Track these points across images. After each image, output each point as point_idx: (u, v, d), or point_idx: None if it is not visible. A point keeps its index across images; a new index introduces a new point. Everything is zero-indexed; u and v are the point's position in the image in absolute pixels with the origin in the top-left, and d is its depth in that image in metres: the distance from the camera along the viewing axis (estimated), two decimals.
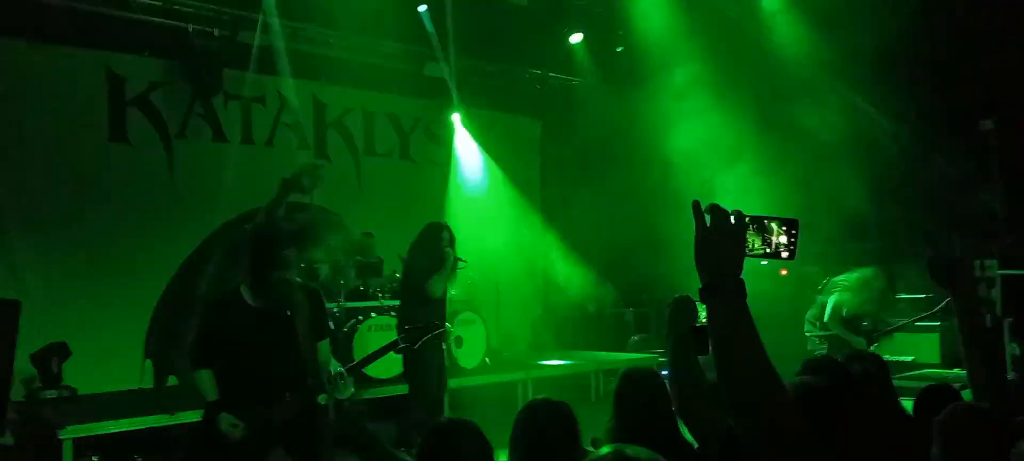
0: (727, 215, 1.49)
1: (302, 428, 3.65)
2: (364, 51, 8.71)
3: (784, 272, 7.73)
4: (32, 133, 7.02)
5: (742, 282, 1.46)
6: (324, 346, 3.76)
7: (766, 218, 1.60)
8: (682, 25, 8.31)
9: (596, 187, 10.18)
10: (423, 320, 4.46)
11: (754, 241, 1.58)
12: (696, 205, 1.50)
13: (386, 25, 8.58)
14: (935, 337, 7.10)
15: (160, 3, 7.39)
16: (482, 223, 8.46)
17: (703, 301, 1.48)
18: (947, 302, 5.97)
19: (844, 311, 5.90)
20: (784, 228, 1.60)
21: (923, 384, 2.81)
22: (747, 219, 1.55)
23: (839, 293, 5.99)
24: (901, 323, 6.16)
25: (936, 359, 6.93)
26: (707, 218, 1.48)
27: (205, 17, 7.60)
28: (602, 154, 10.57)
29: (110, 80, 7.57)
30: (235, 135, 8.35)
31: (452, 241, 5.74)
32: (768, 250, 1.59)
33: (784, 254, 1.60)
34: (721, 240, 1.47)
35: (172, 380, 7.42)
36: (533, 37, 9.46)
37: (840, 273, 6.18)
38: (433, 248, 5.60)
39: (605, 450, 1.46)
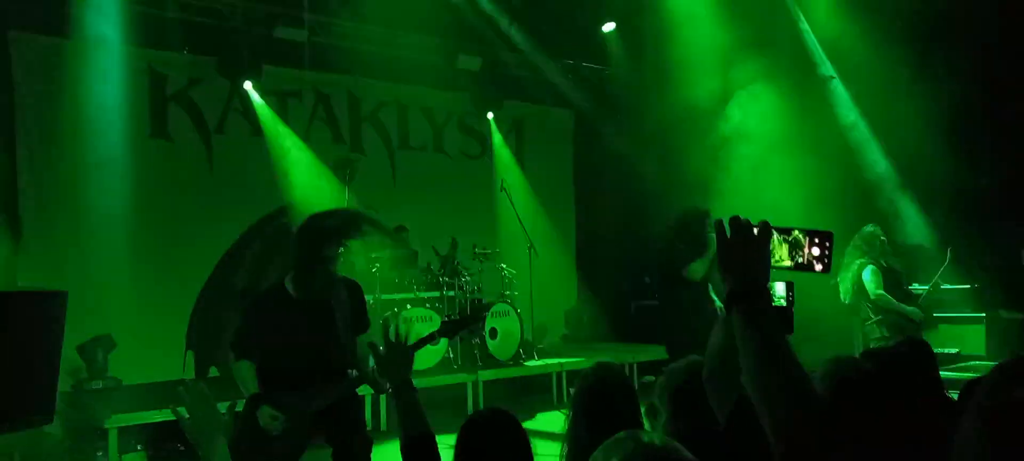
0: (749, 226, 1.48)
1: (342, 419, 3.69)
2: (397, 45, 8.75)
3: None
4: (77, 130, 7.20)
5: (765, 290, 1.46)
6: (365, 338, 3.79)
7: (797, 230, 1.57)
8: (720, 10, 8.19)
9: (629, 177, 10.12)
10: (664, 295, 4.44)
11: (781, 252, 1.56)
12: (718, 223, 1.50)
13: (419, 18, 8.62)
14: (981, 328, 6.91)
15: (199, 1, 7.52)
16: (514, 215, 8.45)
17: (729, 311, 1.46)
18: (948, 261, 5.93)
19: (881, 276, 5.84)
20: (817, 240, 1.56)
21: (969, 376, 2.73)
22: (774, 230, 1.53)
23: (861, 263, 5.92)
24: (936, 282, 6.09)
25: (982, 351, 6.75)
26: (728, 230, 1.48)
27: (242, 13, 7.71)
28: (634, 144, 10.50)
29: (152, 77, 7.72)
30: (272, 130, 8.45)
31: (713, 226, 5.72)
32: (800, 262, 1.56)
33: (818, 267, 1.56)
34: (744, 249, 1.47)
35: (213, 371, 7.57)
36: (565, 27, 9.42)
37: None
38: (697, 233, 5.63)
39: (620, 435, 1.46)
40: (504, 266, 8.14)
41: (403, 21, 8.54)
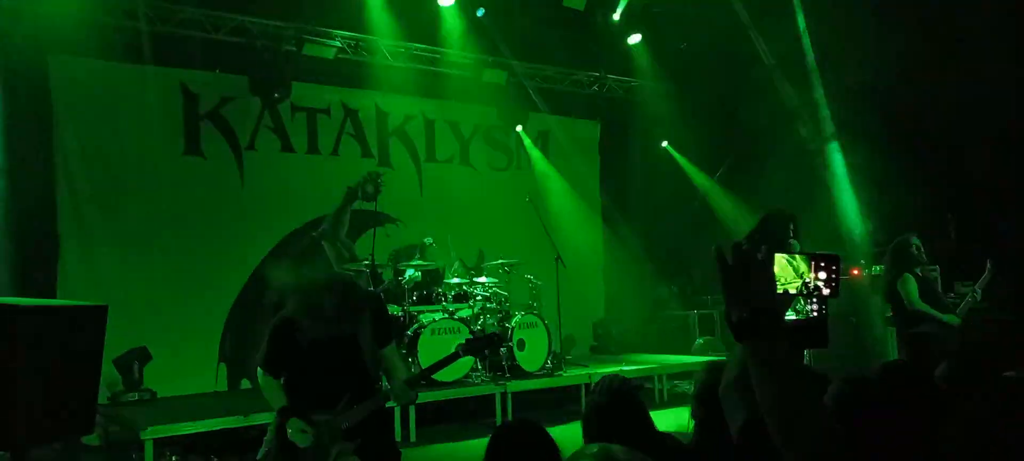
0: (752, 252, 1.41)
1: (372, 433, 3.71)
2: (423, 60, 8.86)
3: (856, 272, 7.49)
4: (114, 149, 7.38)
5: (776, 315, 1.39)
6: (388, 352, 3.82)
7: (802, 254, 1.54)
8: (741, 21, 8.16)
9: (656, 187, 10.10)
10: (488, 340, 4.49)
11: (787, 277, 1.52)
12: (718, 250, 1.44)
13: (444, 33, 8.72)
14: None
15: (230, 21, 7.69)
16: (542, 227, 8.46)
17: (738, 341, 1.40)
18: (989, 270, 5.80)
19: (918, 285, 5.75)
20: (823, 264, 1.53)
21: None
22: (779, 256, 1.50)
23: (896, 272, 5.84)
24: (973, 293, 5.96)
25: None
26: (729, 257, 1.42)
27: (272, 33, 7.87)
28: (663, 153, 10.48)
29: (185, 96, 7.90)
30: (301, 145, 8.60)
31: (796, 231, 5.73)
32: (807, 287, 1.53)
33: (825, 291, 1.53)
34: (747, 277, 1.40)
35: (245, 383, 7.68)
36: (591, 39, 9.45)
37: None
38: (780, 238, 5.59)
39: (592, 448, 1.45)
40: (531, 277, 8.14)
41: (428, 36, 8.66)
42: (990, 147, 7.06)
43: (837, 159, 8.06)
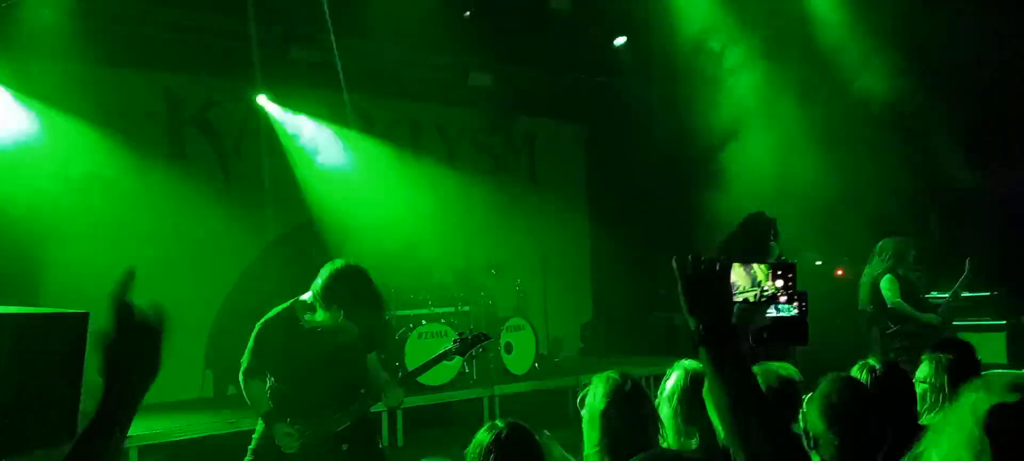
0: (711, 263, 1.49)
1: (358, 439, 3.70)
2: (409, 63, 8.84)
3: (840, 272, 7.54)
4: (95, 154, 7.31)
5: (731, 324, 1.47)
6: (373, 358, 3.81)
7: (758, 262, 1.59)
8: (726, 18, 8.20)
9: (644, 188, 10.12)
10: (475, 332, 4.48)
11: (745, 285, 1.58)
12: (678, 260, 1.51)
13: (430, 36, 8.69)
14: (1002, 336, 6.84)
15: (215, 24, 7.64)
16: (529, 228, 8.47)
17: (696, 348, 1.48)
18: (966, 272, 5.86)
19: (899, 285, 5.80)
20: (780, 272, 1.59)
21: None
22: (736, 265, 1.55)
23: (878, 272, 5.88)
24: (954, 293, 6.02)
25: (1003, 359, 6.68)
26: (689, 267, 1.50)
27: (256, 35, 7.82)
28: (648, 154, 10.50)
29: (169, 100, 7.85)
30: (288, 148, 8.54)
31: (776, 234, 5.77)
32: (764, 295, 1.59)
33: (782, 299, 1.59)
34: (706, 287, 1.48)
35: (231, 389, 7.62)
36: (576, 41, 9.45)
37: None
38: (760, 241, 5.64)
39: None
40: (519, 280, 8.15)
41: (414, 38, 8.63)
42: (971, 145, 7.15)
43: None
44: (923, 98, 6.94)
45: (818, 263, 7.47)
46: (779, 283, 1.60)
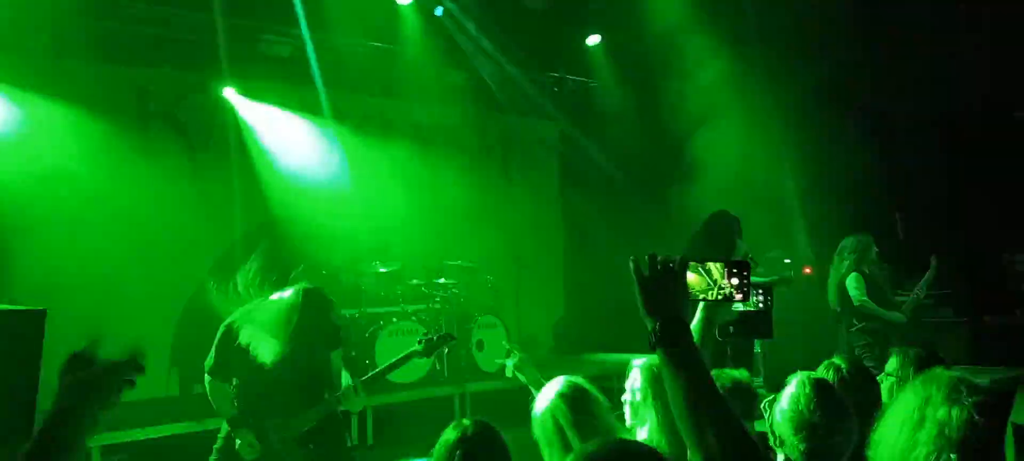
0: (666, 263, 1.52)
1: (324, 439, 3.67)
2: (381, 59, 8.78)
3: (808, 270, 7.65)
4: (59, 148, 7.16)
5: (686, 324, 1.49)
6: (336, 356, 3.78)
7: (713, 261, 1.61)
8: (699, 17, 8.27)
9: (616, 186, 10.17)
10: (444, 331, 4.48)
11: (701, 286, 1.59)
12: (635, 261, 1.53)
13: (403, 33, 8.65)
14: (963, 333, 6.99)
15: (183, 18, 7.52)
16: (502, 226, 8.47)
17: (653, 349, 1.49)
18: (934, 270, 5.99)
19: (865, 284, 5.90)
20: (735, 270, 1.61)
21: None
22: (692, 264, 1.57)
23: (845, 270, 5.98)
24: (918, 291, 6.14)
25: (964, 356, 6.83)
26: (645, 267, 1.51)
27: (226, 29, 7.71)
28: (621, 152, 10.56)
29: (135, 94, 7.71)
30: (257, 144, 8.44)
31: (740, 232, 5.81)
32: (720, 294, 1.61)
33: (737, 297, 1.61)
34: (662, 287, 1.50)
35: (198, 388, 7.51)
36: (550, 39, 9.47)
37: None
38: (724, 239, 5.67)
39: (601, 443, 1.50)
40: (491, 278, 8.15)
41: (387, 35, 8.58)
42: (936, 145, 7.29)
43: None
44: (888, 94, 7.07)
45: (787, 261, 7.57)
46: (734, 281, 1.61)
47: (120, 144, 7.50)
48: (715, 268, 1.62)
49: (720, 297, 1.62)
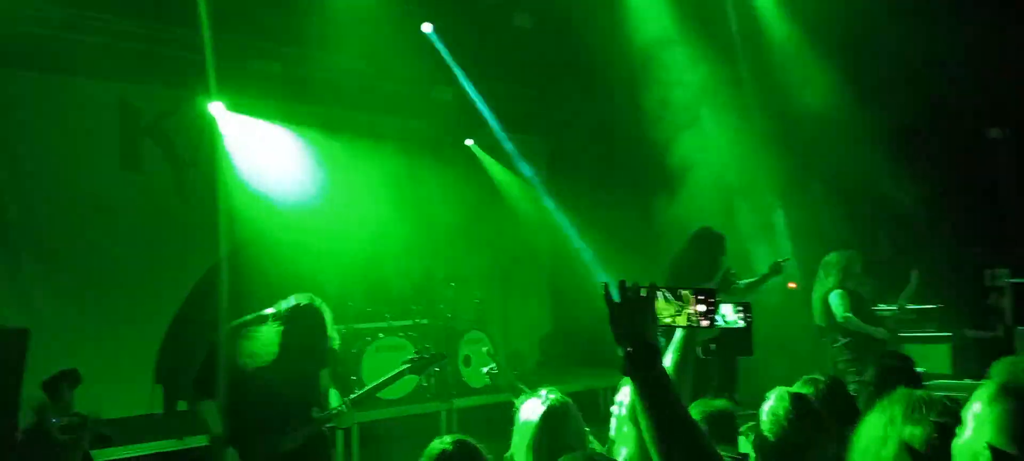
0: (636, 289, 1.54)
1: (312, 456, 3.66)
2: (371, 76, 8.80)
3: (793, 285, 7.70)
4: (45, 162, 7.13)
5: (655, 348, 1.50)
6: (324, 374, 3.77)
7: (681, 289, 1.64)
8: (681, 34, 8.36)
9: (605, 202, 10.20)
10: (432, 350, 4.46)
11: (669, 311, 1.62)
12: (605, 288, 1.56)
13: (392, 49, 8.68)
14: (946, 348, 7.04)
15: (171, 34, 7.53)
16: (489, 242, 8.48)
17: (624, 373, 1.51)
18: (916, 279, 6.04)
19: (849, 300, 5.94)
20: (701, 297, 1.64)
21: (936, 395, 2.79)
22: (660, 291, 1.59)
23: (829, 286, 6.02)
24: (901, 304, 6.19)
25: (948, 370, 6.88)
26: (615, 294, 1.54)
27: (216, 46, 7.71)
28: (609, 170, 10.62)
29: (123, 110, 7.69)
30: (245, 159, 8.42)
31: (724, 249, 5.85)
32: (689, 321, 1.63)
33: (704, 323, 1.64)
34: (632, 313, 1.52)
35: (181, 405, 7.46)
36: (538, 57, 9.53)
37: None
38: (709, 256, 5.69)
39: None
40: (478, 293, 8.15)
41: (376, 51, 8.61)
42: (921, 160, 7.37)
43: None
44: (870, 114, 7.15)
45: (785, 260, 7.61)
46: (701, 308, 1.64)
47: (105, 161, 7.49)
48: (683, 294, 1.65)
49: (687, 324, 1.64)
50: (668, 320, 1.64)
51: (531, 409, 2.62)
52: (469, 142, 10.00)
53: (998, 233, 7.47)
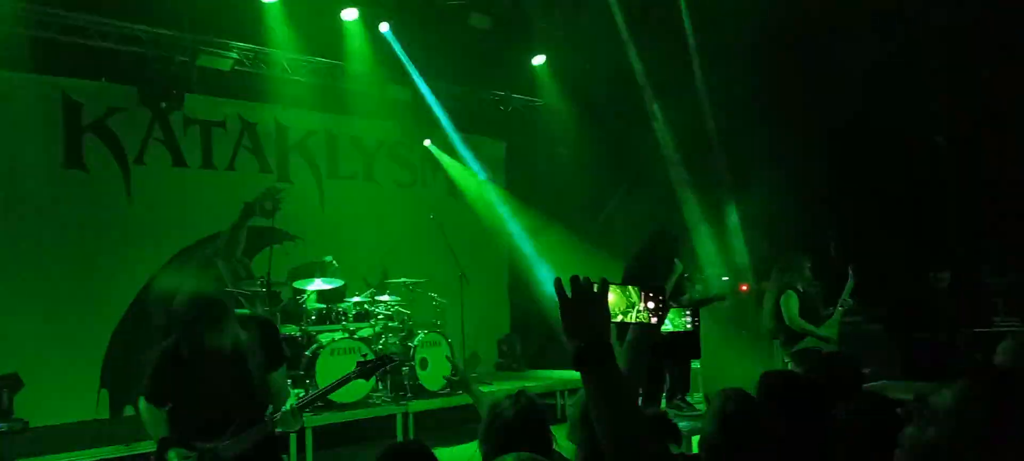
0: (589, 285, 1.51)
1: (263, 459, 3.58)
2: (325, 74, 8.70)
3: (745, 287, 7.84)
4: None
5: (609, 346, 1.48)
6: (277, 377, 3.69)
7: (632, 286, 1.65)
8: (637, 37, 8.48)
9: (561, 204, 10.26)
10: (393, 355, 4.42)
11: (620, 307, 1.63)
12: (557, 282, 1.53)
13: (348, 47, 8.59)
14: (891, 348, 7.26)
15: (119, 29, 7.31)
16: (447, 244, 8.44)
17: (576, 369, 1.49)
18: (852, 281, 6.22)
19: (799, 301, 6.06)
20: (651, 295, 1.66)
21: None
22: (612, 287, 1.60)
23: (780, 288, 6.15)
24: (842, 301, 6.35)
25: (893, 370, 7.08)
26: (568, 289, 1.51)
27: (164, 42, 7.53)
28: (568, 172, 10.69)
29: (66, 106, 7.44)
30: (195, 160, 8.25)
31: (678, 251, 5.84)
32: (638, 316, 1.65)
33: (653, 320, 1.66)
34: (585, 308, 1.49)
35: (129, 410, 7.25)
36: (496, 58, 9.53)
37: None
38: (665, 255, 5.66)
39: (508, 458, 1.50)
40: (435, 295, 8.10)
41: (332, 50, 8.51)
42: (868, 164, 7.59)
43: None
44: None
45: (724, 279, 7.75)
46: (650, 305, 1.65)
47: (46, 157, 7.24)
48: (634, 292, 1.66)
49: (637, 316, 1.65)
50: (619, 317, 1.64)
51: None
52: (427, 142, 9.96)
53: (942, 237, 7.72)
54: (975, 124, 7.33)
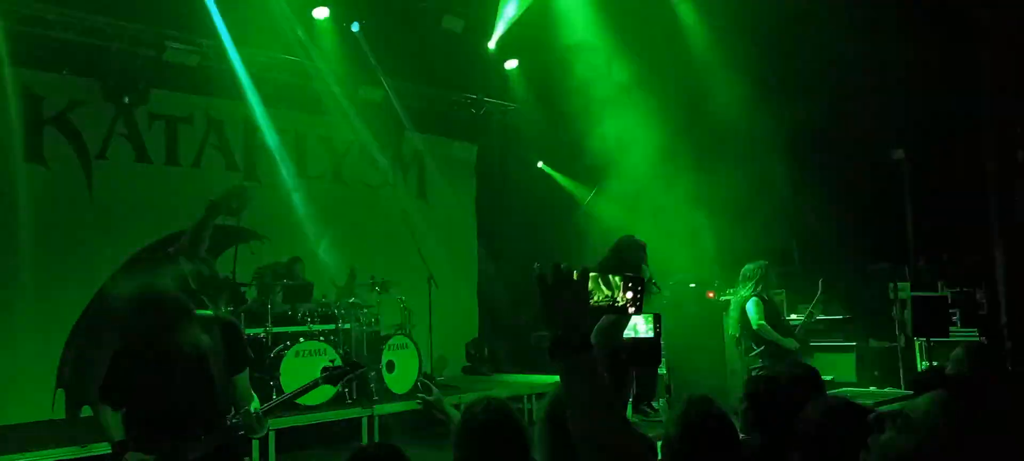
0: (570, 273, 1.50)
1: None
2: (295, 72, 8.60)
3: (711, 294, 7.93)
4: None
5: (587, 336, 1.47)
6: (240, 380, 3.62)
7: (612, 274, 1.66)
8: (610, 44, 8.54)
9: (533, 208, 10.29)
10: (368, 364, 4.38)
11: (599, 296, 1.63)
12: (538, 269, 1.52)
13: (318, 47, 8.51)
14: (851, 357, 7.41)
15: (82, 21, 7.15)
16: (415, 246, 8.41)
17: (553, 358, 1.47)
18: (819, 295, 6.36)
19: (764, 309, 6.14)
20: (630, 284, 1.67)
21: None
22: (592, 275, 1.59)
23: (745, 295, 6.24)
24: (811, 312, 6.46)
25: (853, 377, 7.23)
26: (549, 277, 1.50)
27: (129, 35, 7.39)
28: (540, 175, 10.72)
29: (26, 98, 7.26)
30: (160, 155, 8.11)
31: (645, 257, 5.84)
32: (615, 304, 1.65)
33: (631, 310, 1.67)
34: (565, 296, 1.48)
35: (86, 411, 7.09)
36: (468, 61, 9.53)
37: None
38: (632, 262, 5.64)
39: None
40: (403, 298, 8.06)
41: (302, 49, 8.42)
42: (833, 173, 7.73)
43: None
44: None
45: (692, 286, 7.83)
46: (629, 295, 1.65)
47: (6, 151, 7.06)
48: (615, 280, 1.66)
49: (614, 306, 1.65)
50: (600, 306, 1.64)
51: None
52: (391, 139, 9.85)
53: (900, 249, 7.90)
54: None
